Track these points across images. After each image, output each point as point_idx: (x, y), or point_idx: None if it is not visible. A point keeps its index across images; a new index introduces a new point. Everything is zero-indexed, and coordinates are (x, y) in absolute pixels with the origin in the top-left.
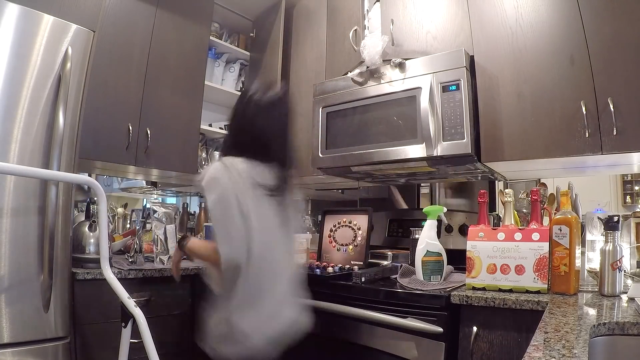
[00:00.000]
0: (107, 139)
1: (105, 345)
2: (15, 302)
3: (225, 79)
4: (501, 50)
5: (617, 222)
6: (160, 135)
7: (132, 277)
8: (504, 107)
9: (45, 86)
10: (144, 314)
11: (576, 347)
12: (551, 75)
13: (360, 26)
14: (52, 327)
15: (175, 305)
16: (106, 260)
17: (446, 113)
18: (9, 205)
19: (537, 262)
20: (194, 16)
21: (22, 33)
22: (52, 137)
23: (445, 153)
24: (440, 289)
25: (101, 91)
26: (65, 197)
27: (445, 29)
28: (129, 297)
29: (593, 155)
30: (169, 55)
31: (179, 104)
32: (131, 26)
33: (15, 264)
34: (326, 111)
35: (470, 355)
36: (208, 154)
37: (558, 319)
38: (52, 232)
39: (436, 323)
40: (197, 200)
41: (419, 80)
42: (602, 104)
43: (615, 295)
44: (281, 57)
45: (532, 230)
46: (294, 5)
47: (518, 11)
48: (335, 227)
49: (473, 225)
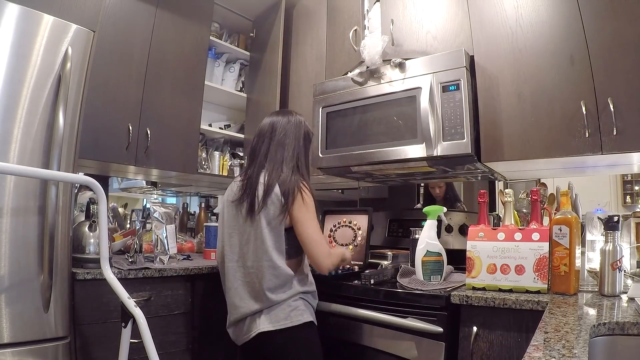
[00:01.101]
0: (107, 139)
1: (105, 345)
2: (15, 302)
3: (225, 79)
4: (501, 50)
5: (617, 222)
6: (160, 135)
7: (132, 277)
8: (504, 107)
9: (45, 86)
10: (144, 314)
11: (576, 347)
12: (551, 75)
13: (360, 26)
14: (52, 327)
15: (175, 305)
16: (106, 260)
17: (446, 113)
18: (9, 205)
19: (537, 262)
20: (194, 16)
21: (22, 33)
22: (52, 137)
23: (445, 153)
24: (440, 289)
25: (101, 91)
26: (65, 197)
27: (445, 29)
28: (129, 297)
29: (593, 155)
30: (169, 55)
31: (179, 104)
32: (131, 26)
33: (15, 264)
34: (326, 111)
35: (470, 355)
36: (208, 154)
37: (558, 319)
38: (52, 232)
39: (436, 323)
40: (197, 201)
41: (419, 80)
42: (602, 104)
43: (615, 295)
44: (281, 57)
45: (532, 230)
46: (294, 5)
47: (518, 11)
48: (335, 227)
49: (473, 225)
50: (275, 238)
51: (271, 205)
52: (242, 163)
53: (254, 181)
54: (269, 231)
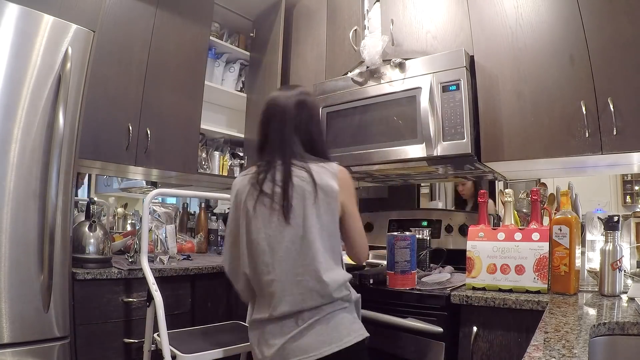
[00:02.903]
0: (107, 139)
1: (105, 345)
2: (15, 302)
3: (225, 79)
4: (501, 50)
5: (617, 222)
6: (160, 135)
7: (132, 277)
8: (504, 107)
9: (45, 86)
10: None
11: (576, 347)
12: (551, 74)
13: (360, 26)
14: (52, 327)
15: (175, 305)
16: (145, 254)
17: (446, 113)
18: (9, 206)
19: (537, 262)
20: (194, 16)
21: (22, 33)
22: (52, 137)
23: (445, 153)
24: (440, 289)
25: (101, 91)
26: (65, 197)
27: (445, 29)
28: (153, 283)
29: (593, 155)
30: (169, 55)
31: (179, 104)
32: (131, 26)
33: (15, 264)
34: (326, 111)
35: (470, 355)
36: (208, 154)
37: (558, 318)
38: (52, 232)
39: (436, 323)
40: (197, 201)
41: (418, 80)
42: (602, 104)
43: (615, 295)
44: (281, 57)
45: (532, 230)
46: (294, 5)
47: (518, 11)
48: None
49: (473, 225)
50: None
51: (322, 197)
52: (242, 163)
53: (287, 172)
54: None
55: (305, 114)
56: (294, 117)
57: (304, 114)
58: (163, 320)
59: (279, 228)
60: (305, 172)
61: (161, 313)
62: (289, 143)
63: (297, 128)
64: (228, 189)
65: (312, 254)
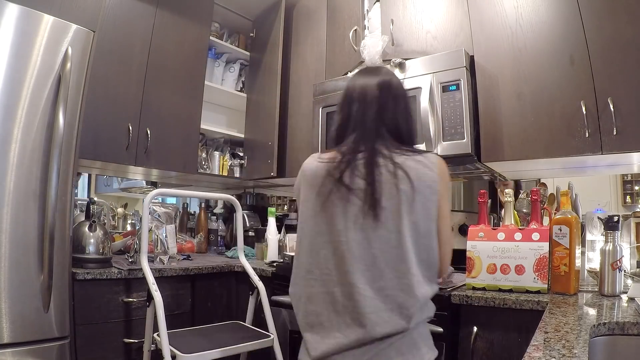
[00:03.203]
0: (107, 139)
1: (105, 345)
2: (15, 302)
3: (225, 79)
4: (501, 50)
5: (617, 222)
6: (160, 135)
7: (132, 277)
8: (504, 107)
9: (45, 86)
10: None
11: (576, 347)
12: (551, 75)
13: (360, 26)
14: (52, 327)
15: (175, 305)
16: (145, 254)
17: (446, 113)
18: (9, 206)
19: (537, 262)
20: (194, 16)
21: (22, 33)
22: (52, 137)
23: (445, 153)
24: (440, 289)
25: (101, 91)
26: (65, 197)
27: (445, 29)
28: (153, 283)
29: (593, 155)
30: (169, 55)
31: (179, 104)
32: (131, 26)
33: (15, 264)
34: (326, 111)
35: (471, 355)
36: (208, 154)
37: (558, 318)
38: (51, 232)
39: (436, 323)
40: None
41: (419, 80)
42: (602, 104)
43: (615, 295)
44: (281, 57)
45: (532, 230)
46: (294, 5)
47: (518, 11)
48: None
49: (473, 225)
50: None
51: (419, 197)
52: (242, 163)
53: (373, 164)
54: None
55: (390, 96)
56: (377, 99)
57: (389, 96)
58: (163, 320)
59: (366, 232)
60: (398, 167)
61: (161, 313)
62: (373, 129)
63: (382, 113)
64: (228, 189)
65: (405, 265)
